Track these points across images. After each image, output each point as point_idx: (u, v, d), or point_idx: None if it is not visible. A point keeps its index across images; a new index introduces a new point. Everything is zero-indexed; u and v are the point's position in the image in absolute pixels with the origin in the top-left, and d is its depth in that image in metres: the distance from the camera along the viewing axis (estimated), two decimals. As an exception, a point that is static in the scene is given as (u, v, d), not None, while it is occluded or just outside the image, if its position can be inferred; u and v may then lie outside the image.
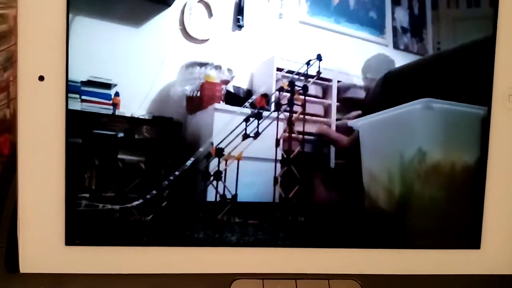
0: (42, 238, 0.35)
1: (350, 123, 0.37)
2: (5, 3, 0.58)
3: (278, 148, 0.36)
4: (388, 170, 0.37)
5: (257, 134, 0.36)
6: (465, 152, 0.37)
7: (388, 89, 0.37)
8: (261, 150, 0.36)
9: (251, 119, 0.36)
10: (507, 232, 0.38)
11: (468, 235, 0.38)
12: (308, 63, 0.36)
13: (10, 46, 0.52)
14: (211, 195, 0.36)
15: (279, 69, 0.36)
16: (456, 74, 0.37)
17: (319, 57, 0.36)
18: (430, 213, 0.37)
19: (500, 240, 0.38)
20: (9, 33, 0.53)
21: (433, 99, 0.37)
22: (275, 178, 0.37)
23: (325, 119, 0.38)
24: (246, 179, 0.36)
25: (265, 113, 0.36)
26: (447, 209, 0.37)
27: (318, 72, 0.36)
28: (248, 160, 0.36)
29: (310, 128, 0.37)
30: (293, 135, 0.37)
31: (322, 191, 0.37)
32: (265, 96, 0.36)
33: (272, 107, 0.37)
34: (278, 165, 0.37)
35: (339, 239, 0.37)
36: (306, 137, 0.37)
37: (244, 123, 0.36)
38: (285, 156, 0.36)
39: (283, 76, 0.36)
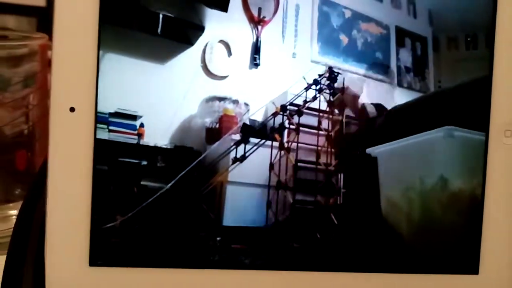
0: (67, 259, 0.37)
1: (368, 150, 0.38)
2: (27, 32, 0.61)
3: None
4: (408, 196, 0.38)
5: (243, 158, 0.38)
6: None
7: (392, 123, 0.39)
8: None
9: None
10: (506, 258, 0.40)
11: (466, 260, 0.40)
12: (307, 89, 0.39)
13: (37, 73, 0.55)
14: (227, 220, 0.39)
15: (292, 104, 0.39)
16: (455, 110, 0.40)
17: (315, 82, 0.39)
18: (449, 239, 0.38)
19: (499, 266, 0.40)
20: (27, 56, 0.56)
21: (454, 127, 0.39)
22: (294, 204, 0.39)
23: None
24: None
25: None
26: (456, 234, 0.39)
27: (314, 97, 0.39)
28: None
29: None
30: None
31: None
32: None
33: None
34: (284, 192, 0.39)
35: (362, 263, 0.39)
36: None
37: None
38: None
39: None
